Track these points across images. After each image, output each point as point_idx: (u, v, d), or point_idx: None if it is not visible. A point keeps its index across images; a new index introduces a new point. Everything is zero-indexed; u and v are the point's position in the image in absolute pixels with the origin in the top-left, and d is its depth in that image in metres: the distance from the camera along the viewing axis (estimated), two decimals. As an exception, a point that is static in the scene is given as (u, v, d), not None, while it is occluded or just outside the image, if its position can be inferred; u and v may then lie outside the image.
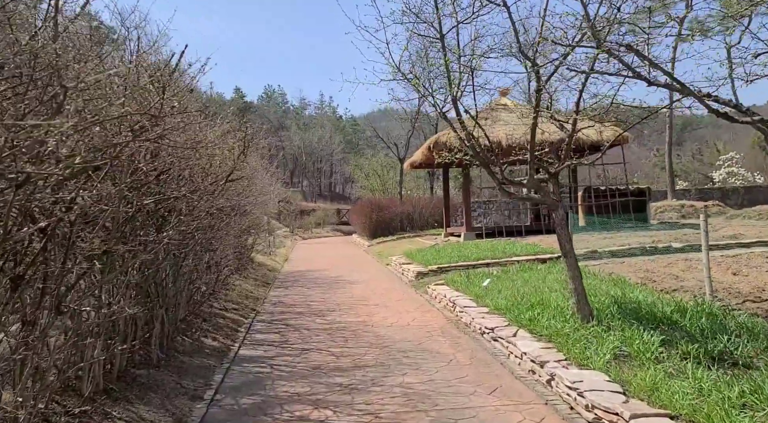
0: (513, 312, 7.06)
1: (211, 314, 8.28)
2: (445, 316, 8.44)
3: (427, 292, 10.47)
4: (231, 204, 6.72)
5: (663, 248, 12.29)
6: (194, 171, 4.79)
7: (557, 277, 9.12)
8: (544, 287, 8.41)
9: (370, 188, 36.55)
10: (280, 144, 67.11)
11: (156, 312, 5.72)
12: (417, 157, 19.59)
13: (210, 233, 6.96)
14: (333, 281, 13.13)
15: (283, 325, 8.24)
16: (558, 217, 5.94)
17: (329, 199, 66.25)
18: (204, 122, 5.21)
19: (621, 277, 8.35)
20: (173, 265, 6.04)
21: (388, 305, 9.55)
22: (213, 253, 8.40)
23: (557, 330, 5.89)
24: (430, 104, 7.14)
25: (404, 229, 25.64)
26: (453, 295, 8.89)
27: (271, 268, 16.09)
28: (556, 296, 7.45)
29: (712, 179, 36.59)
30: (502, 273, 10.37)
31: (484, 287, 8.69)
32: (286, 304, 10.13)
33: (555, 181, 5.97)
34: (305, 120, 78.19)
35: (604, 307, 6.46)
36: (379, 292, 11.01)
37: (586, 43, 4.60)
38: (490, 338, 6.77)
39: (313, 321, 8.45)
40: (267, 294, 11.31)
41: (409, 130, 34.23)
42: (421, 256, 14.44)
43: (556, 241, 14.76)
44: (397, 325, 8.00)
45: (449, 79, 6.22)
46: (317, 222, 42.26)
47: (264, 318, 8.86)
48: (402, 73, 7.41)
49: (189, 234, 5.19)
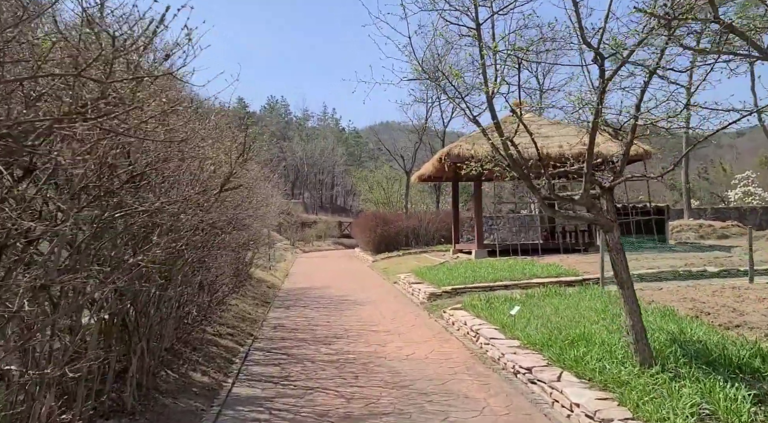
0: (551, 348, 6.09)
1: (202, 341, 7.31)
2: (467, 348, 7.46)
3: (443, 317, 9.49)
4: (227, 218, 5.79)
5: (698, 272, 11.34)
6: (181, 178, 3.88)
7: (591, 305, 8.15)
8: (579, 317, 7.44)
9: (374, 201, 35.61)
10: (282, 155, 66.42)
11: (134, 346, 4.77)
12: (426, 170, 18.70)
13: (203, 251, 6.02)
14: (338, 301, 12.15)
15: (283, 355, 7.26)
16: (613, 239, 5.00)
17: (330, 212, 65.30)
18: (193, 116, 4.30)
19: (667, 307, 7.39)
20: (158, 289, 5.09)
21: (401, 332, 8.57)
22: (207, 272, 7.46)
23: (613, 375, 4.92)
24: (457, 106, 6.26)
25: (409, 244, 24.67)
26: (475, 324, 7.91)
27: (271, 284, 15.11)
28: (598, 329, 6.49)
29: (726, 199, 35.68)
30: (525, 298, 9.39)
31: (512, 315, 7.72)
32: (286, 327, 9.16)
33: (609, 197, 5.04)
34: (308, 131, 77.51)
35: (662, 346, 5.50)
36: (390, 316, 10.04)
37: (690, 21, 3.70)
38: (526, 380, 5.80)
39: (317, 350, 7.48)
40: (266, 315, 10.33)
41: (417, 142, 33.39)
42: (431, 274, 13.47)
43: (578, 262, 13.81)
44: (414, 357, 7.02)
45: (484, 76, 5.32)
46: (318, 235, 41.29)
47: (262, 345, 7.88)
48: (425, 71, 6.55)
49: (174, 253, 4.25)
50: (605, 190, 5.15)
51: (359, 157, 75.36)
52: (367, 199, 38.77)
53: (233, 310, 9.74)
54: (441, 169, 17.48)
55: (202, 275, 7.20)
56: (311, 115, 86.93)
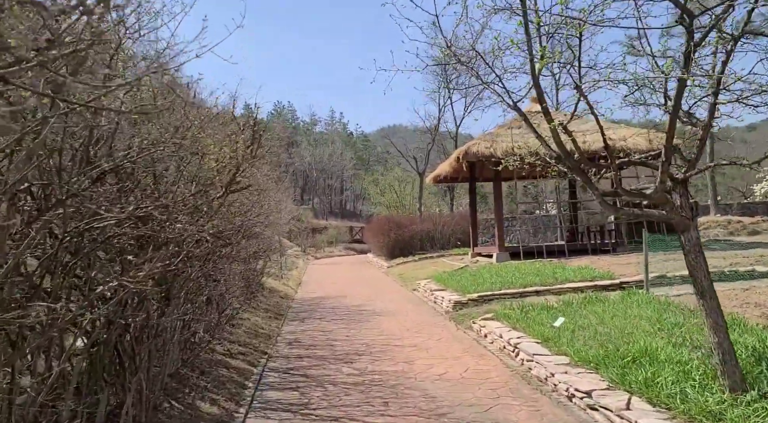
0: (610, 367, 5.29)
1: (211, 363, 6.58)
2: (506, 365, 6.66)
3: (473, 329, 8.70)
4: (234, 226, 5.05)
5: (746, 273, 10.45)
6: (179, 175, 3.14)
7: (641, 312, 7.33)
8: (631, 328, 6.63)
9: (386, 205, 34.82)
10: (290, 161, 65.89)
11: (128, 379, 4.04)
12: (442, 170, 17.91)
13: (208, 265, 5.29)
14: (355, 311, 11.38)
15: (301, 377, 6.50)
16: (690, 240, 4.21)
17: (340, 217, 64.66)
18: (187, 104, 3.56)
19: (733, 316, 6.55)
20: (157, 310, 4.36)
21: (429, 347, 7.79)
22: (215, 287, 6.74)
23: (700, 404, 4.12)
24: (494, 92, 5.47)
25: (425, 248, 23.87)
26: (512, 337, 7.11)
27: (284, 294, 14.37)
28: (660, 343, 5.67)
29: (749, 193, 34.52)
30: (563, 305, 8.58)
31: (556, 327, 6.92)
32: (303, 343, 8.40)
33: (683, 191, 4.24)
34: (315, 136, 77.03)
35: (748, 365, 4.68)
36: (414, 328, 9.25)
37: None
38: (585, 405, 4.99)
39: (339, 370, 6.71)
40: (280, 329, 9.59)
41: (429, 143, 32.59)
42: (454, 281, 12.67)
43: (610, 263, 12.91)
44: (447, 377, 6.24)
45: (530, 50, 4.55)
46: (329, 240, 40.58)
47: (277, 365, 7.13)
48: (454, 55, 5.79)
49: (173, 269, 3.52)
50: (678, 182, 4.35)
51: (368, 161, 74.76)
52: (379, 202, 38.02)
53: (245, 324, 9.01)
54: (458, 169, 16.69)
55: (209, 290, 6.49)
56: (318, 119, 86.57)
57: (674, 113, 3.81)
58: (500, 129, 16.55)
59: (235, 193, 3.55)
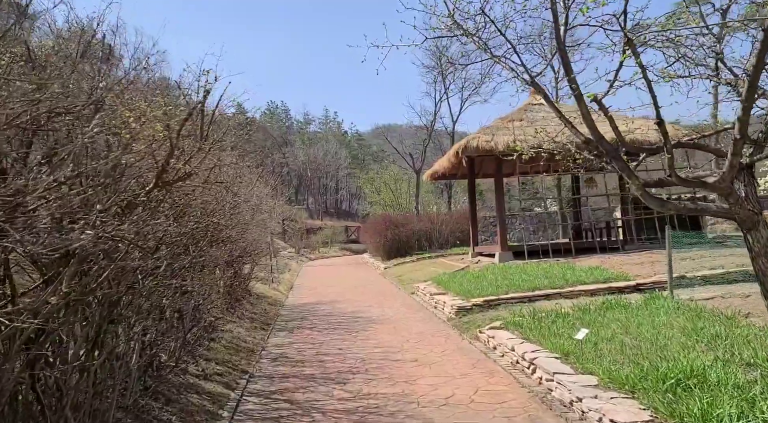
0: (651, 392, 4.42)
1: (180, 388, 5.67)
2: (521, 384, 5.79)
3: (480, 339, 7.83)
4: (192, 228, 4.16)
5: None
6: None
7: (671, 320, 6.49)
8: (664, 340, 5.77)
9: (382, 203, 33.91)
10: (284, 160, 64.79)
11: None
12: (440, 166, 17.06)
13: (171, 275, 4.39)
14: (350, 319, 10.49)
15: (285, 403, 5.61)
16: (760, 240, 3.34)
17: (336, 216, 63.69)
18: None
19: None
20: (88, 338, 3.45)
21: (432, 361, 6.92)
22: (187, 296, 5.85)
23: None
24: (506, 67, 4.59)
25: (423, 248, 23.00)
26: (526, 350, 6.24)
27: (273, 300, 13.46)
28: (707, 361, 4.81)
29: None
30: (579, 312, 7.73)
31: (579, 340, 6.04)
32: (291, 359, 7.51)
33: (749, 179, 3.38)
34: (309, 135, 75.94)
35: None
36: (413, 338, 8.37)
37: None
38: (624, 442, 4.12)
39: (329, 393, 5.83)
40: (266, 342, 8.68)
41: (426, 139, 31.69)
42: (455, 283, 11.80)
43: (622, 263, 12.05)
44: (455, 401, 5.36)
45: (553, 9, 3.68)
46: (324, 241, 39.61)
47: (259, 387, 6.24)
48: (458, 24, 4.92)
49: (99, 283, 2.63)
50: (741, 168, 3.49)
51: (363, 160, 73.82)
52: (375, 201, 37.11)
53: (225, 337, 8.10)
54: (457, 164, 15.85)
55: (178, 302, 5.59)
56: (312, 119, 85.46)
57: (757, 69, 2.93)
58: (500, 122, 15.71)
59: (176, 187, 2.69)
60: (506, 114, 16.27)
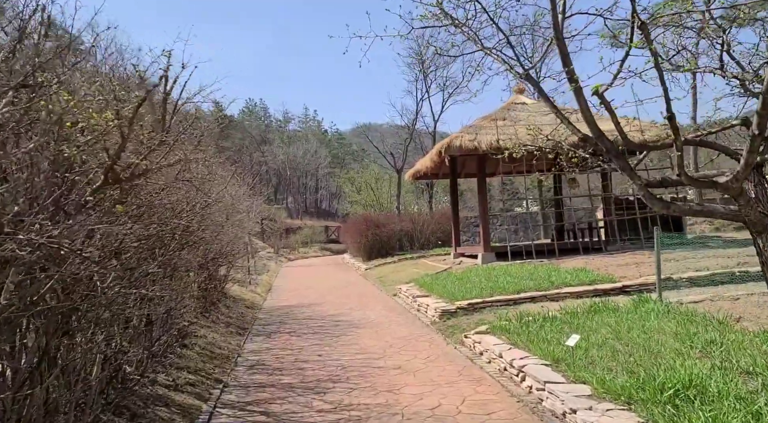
0: (649, 404, 4.20)
1: (148, 400, 5.28)
2: (510, 393, 5.54)
3: (465, 344, 7.57)
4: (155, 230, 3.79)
5: (757, 273, 9.56)
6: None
7: (661, 325, 6.31)
8: (657, 346, 5.58)
9: (363, 203, 33.56)
10: (263, 159, 63.88)
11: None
12: (422, 166, 16.80)
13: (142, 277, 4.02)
14: (331, 323, 10.15)
15: (262, 416, 5.26)
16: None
17: (316, 216, 63.02)
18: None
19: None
20: (41, 350, 3.08)
21: (416, 368, 6.63)
22: (156, 302, 5.45)
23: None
24: (500, 60, 4.32)
25: (404, 248, 22.75)
26: (514, 357, 5.99)
27: (250, 303, 13.03)
28: (705, 370, 4.61)
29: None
30: (566, 316, 7.52)
31: (570, 347, 5.81)
32: (267, 367, 7.15)
33: (760, 178, 3.16)
34: (289, 134, 75.01)
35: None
36: (397, 343, 8.08)
37: None
38: (623, 458, 3.88)
39: (308, 405, 5.49)
40: (242, 348, 8.30)
41: (407, 138, 31.43)
42: (438, 285, 11.54)
43: (606, 264, 11.94)
44: (441, 412, 5.08)
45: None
46: (304, 241, 39.06)
47: (233, 398, 5.87)
48: (446, 13, 4.63)
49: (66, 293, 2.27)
50: (752, 168, 3.26)
51: (343, 159, 73.34)
52: (355, 201, 36.74)
53: (199, 343, 7.70)
54: (439, 164, 15.61)
55: (146, 309, 5.20)
56: (292, 117, 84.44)
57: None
58: (483, 121, 15.52)
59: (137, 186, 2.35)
60: (489, 113, 16.11)
